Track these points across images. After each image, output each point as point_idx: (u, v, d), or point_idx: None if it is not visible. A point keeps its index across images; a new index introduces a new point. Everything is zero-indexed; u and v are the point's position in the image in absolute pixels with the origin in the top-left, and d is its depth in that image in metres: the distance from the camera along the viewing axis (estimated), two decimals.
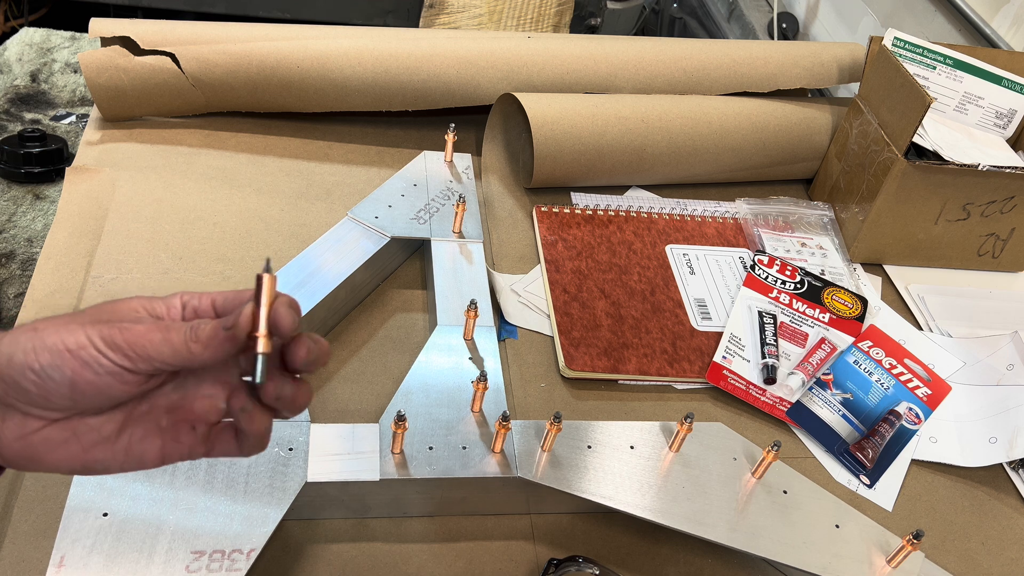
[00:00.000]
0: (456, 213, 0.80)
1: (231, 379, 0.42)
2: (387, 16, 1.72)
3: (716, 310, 0.83)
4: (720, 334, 0.80)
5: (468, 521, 0.62)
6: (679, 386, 0.76)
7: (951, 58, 0.96)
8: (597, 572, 0.58)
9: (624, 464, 0.61)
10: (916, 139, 0.87)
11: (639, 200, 0.96)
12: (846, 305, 0.85)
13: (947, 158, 0.85)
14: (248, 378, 0.42)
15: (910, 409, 0.75)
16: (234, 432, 0.42)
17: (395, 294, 0.79)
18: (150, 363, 0.38)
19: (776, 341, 0.79)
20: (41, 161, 0.95)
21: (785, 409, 0.74)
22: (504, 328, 0.77)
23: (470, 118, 1.00)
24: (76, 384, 0.37)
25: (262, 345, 0.39)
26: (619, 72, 0.98)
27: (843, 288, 0.87)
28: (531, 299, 0.80)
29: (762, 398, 0.75)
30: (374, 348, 0.74)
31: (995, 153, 0.93)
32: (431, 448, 0.60)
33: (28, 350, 0.37)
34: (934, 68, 0.96)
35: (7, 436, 0.38)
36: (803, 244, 0.93)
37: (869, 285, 0.91)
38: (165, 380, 0.41)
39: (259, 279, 0.39)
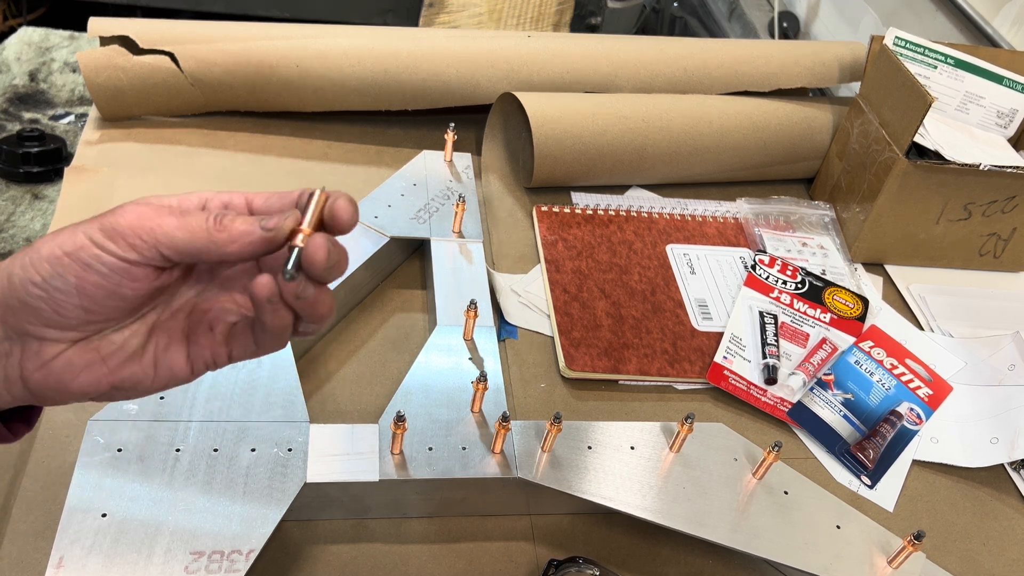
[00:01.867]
0: (456, 213, 0.80)
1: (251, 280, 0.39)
2: (387, 15, 1.71)
3: (717, 310, 0.82)
4: (721, 334, 0.80)
5: (468, 522, 0.62)
6: (680, 386, 0.75)
7: (952, 57, 0.96)
8: (597, 573, 0.58)
9: (624, 465, 0.61)
10: (917, 139, 0.86)
11: (639, 200, 0.95)
12: (847, 305, 0.85)
13: (948, 158, 0.85)
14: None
15: (911, 409, 0.75)
16: (251, 331, 0.39)
17: (395, 294, 0.79)
18: (158, 249, 0.35)
19: (777, 341, 0.79)
20: (40, 161, 0.95)
21: (786, 409, 0.74)
22: (504, 328, 0.77)
23: (470, 117, 1.00)
24: (83, 289, 0.35)
25: (300, 239, 0.36)
26: (619, 71, 0.98)
27: (844, 288, 0.86)
28: (531, 299, 0.80)
29: (763, 398, 0.75)
30: (373, 348, 0.73)
31: (996, 153, 0.93)
32: (431, 449, 0.60)
33: (26, 265, 0.35)
34: (935, 67, 0.96)
35: (28, 368, 0.36)
36: (804, 244, 0.93)
37: (870, 285, 0.91)
38: (181, 280, 0.39)
39: (309, 194, 0.37)
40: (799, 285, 0.86)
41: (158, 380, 0.39)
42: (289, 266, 0.36)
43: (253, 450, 0.57)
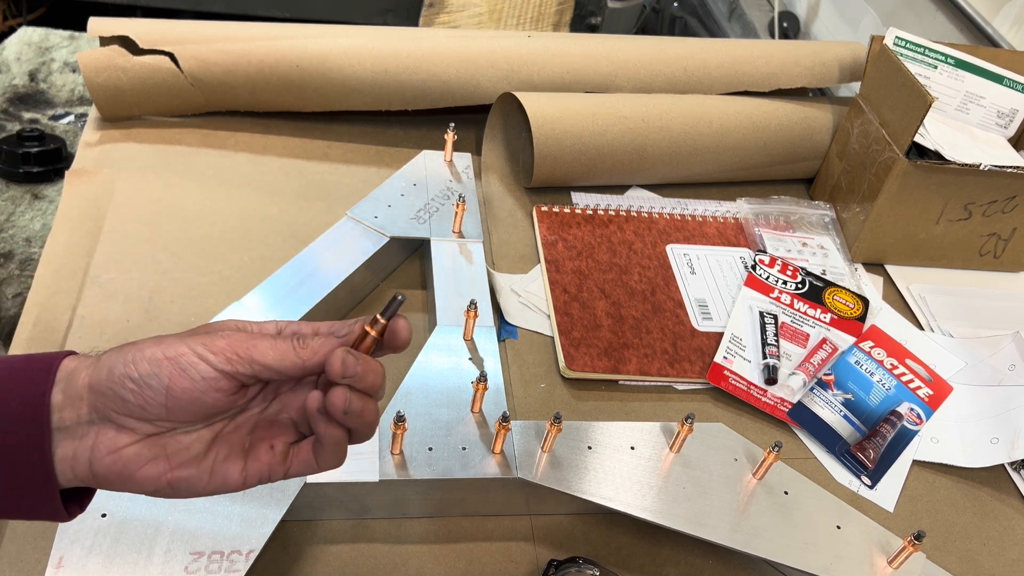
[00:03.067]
0: (456, 213, 0.80)
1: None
2: (387, 15, 1.71)
3: (717, 310, 0.82)
4: (721, 334, 0.80)
5: (468, 522, 0.62)
6: (680, 386, 0.75)
7: (952, 57, 0.96)
8: (597, 573, 0.58)
9: (624, 465, 0.61)
10: (917, 139, 0.86)
11: (639, 200, 0.95)
12: (847, 305, 0.85)
13: (948, 158, 0.85)
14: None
15: (911, 409, 0.75)
16: (311, 447, 0.43)
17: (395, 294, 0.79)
18: (252, 366, 0.40)
19: (777, 341, 0.79)
20: (40, 161, 0.95)
21: (786, 409, 0.74)
22: (504, 328, 0.77)
23: (470, 117, 1.00)
24: (171, 391, 0.39)
25: (376, 329, 0.42)
26: (619, 71, 0.98)
27: (844, 288, 0.86)
28: (531, 299, 0.80)
29: (763, 398, 0.74)
30: None
31: (996, 153, 0.93)
32: (431, 449, 0.60)
33: (128, 361, 0.39)
34: (935, 67, 0.96)
35: (99, 451, 0.39)
36: (804, 244, 0.93)
37: (870, 285, 0.91)
38: (254, 398, 0.43)
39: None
40: (799, 285, 0.86)
41: (211, 485, 0.42)
42: (384, 314, 0.42)
43: None
